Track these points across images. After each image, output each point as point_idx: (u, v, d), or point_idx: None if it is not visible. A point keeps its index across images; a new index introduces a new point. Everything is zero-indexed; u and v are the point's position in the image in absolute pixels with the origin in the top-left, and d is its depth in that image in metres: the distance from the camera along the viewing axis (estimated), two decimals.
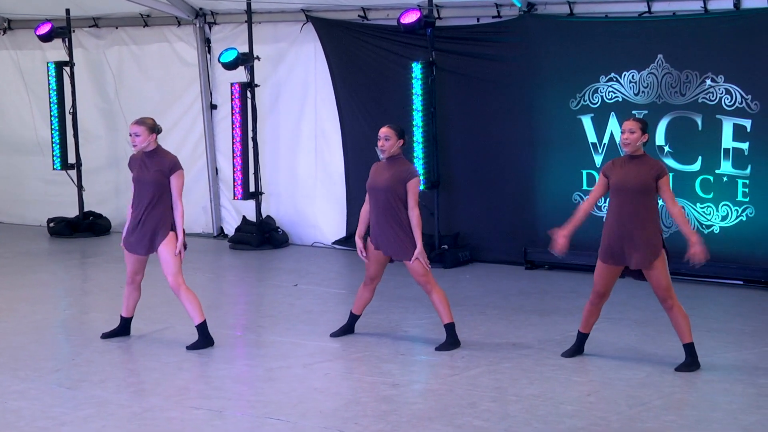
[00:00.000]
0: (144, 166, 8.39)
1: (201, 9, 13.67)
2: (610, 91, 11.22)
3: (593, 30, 11.31)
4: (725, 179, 10.70)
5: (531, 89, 11.69)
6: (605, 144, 11.28)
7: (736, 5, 10.57)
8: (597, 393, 7.29)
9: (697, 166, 10.84)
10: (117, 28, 14.41)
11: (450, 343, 8.39)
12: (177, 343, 8.59)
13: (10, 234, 14.82)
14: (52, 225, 14.52)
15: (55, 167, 14.38)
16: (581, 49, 11.36)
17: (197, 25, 13.75)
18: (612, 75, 11.20)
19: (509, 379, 7.55)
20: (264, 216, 13.48)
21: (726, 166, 10.71)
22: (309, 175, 13.38)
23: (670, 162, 10.79)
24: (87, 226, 14.45)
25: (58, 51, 14.30)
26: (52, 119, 14.32)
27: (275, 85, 13.42)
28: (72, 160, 14.35)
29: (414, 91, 11.80)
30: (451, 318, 8.42)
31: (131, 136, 8.38)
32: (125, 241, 8.52)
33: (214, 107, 13.97)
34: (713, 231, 10.81)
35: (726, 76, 10.58)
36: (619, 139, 8.12)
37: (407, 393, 7.36)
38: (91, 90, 14.68)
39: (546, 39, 11.51)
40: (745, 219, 10.66)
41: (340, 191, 13.09)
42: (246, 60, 12.79)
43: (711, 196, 10.74)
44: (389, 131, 8.36)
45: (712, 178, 10.72)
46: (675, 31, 10.86)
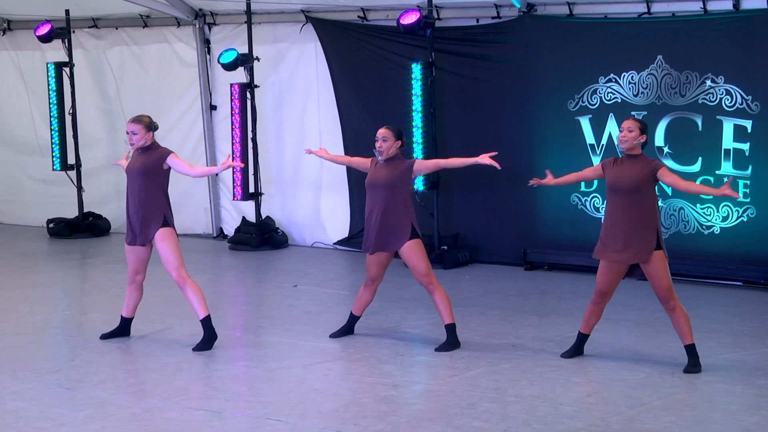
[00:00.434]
0: (135, 159, 8.46)
1: (200, 10, 13.67)
2: (609, 92, 11.21)
3: (593, 31, 11.31)
4: (726, 180, 10.67)
5: (530, 90, 11.69)
6: (603, 145, 11.26)
7: (735, 6, 10.57)
8: (596, 394, 7.28)
9: (698, 166, 10.83)
10: (117, 28, 14.40)
11: (450, 344, 8.37)
12: (176, 344, 8.59)
13: (9, 234, 14.83)
14: (51, 226, 14.52)
15: (55, 168, 14.38)
16: (581, 50, 11.35)
17: (197, 26, 13.74)
18: (611, 76, 11.19)
19: (509, 380, 7.55)
20: (264, 217, 13.48)
21: (726, 166, 10.70)
22: (309, 176, 13.37)
23: (669, 163, 10.76)
24: (86, 226, 14.45)
25: (57, 51, 14.30)
26: (51, 120, 14.32)
27: (275, 86, 13.41)
28: (72, 160, 14.35)
29: (413, 92, 11.80)
30: (453, 318, 8.41)
31: (128, 134, 8.39)
32: (126, 237, 8.56)
33: (213, 108, 13.97)
34: (714, 231, 10.81)
35: (726, 76, 10.58)
36: (617, 138, 8.12)
37: (407, 394, 7.35)
38: (91, 90, 14.68)
39: (545, 40, 11.51)
40: (746, 220, 10.65)
41: (341, 191, 13.08)
42: (245, 61, 12.78)
43: (711, 196, 10.72)
44: (387, 132, 8.35)
45: (712, 179, 10.70)
46: (675, 32, 10.86)
